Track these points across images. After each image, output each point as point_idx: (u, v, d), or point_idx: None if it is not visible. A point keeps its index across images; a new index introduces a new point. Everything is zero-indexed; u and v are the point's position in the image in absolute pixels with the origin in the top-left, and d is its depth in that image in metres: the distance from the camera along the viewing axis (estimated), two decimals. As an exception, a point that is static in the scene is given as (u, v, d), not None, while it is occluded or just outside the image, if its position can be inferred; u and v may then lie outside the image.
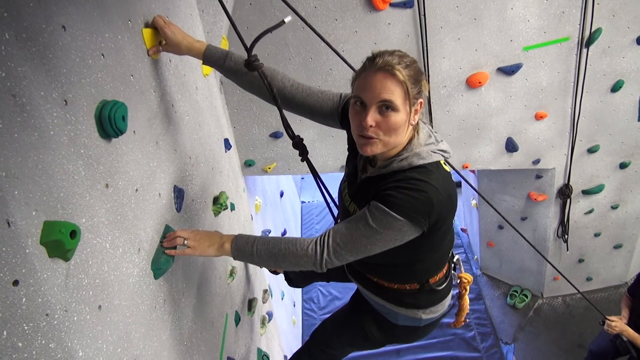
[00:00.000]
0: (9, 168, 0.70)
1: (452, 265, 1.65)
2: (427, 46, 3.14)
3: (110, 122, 0.99)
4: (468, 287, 1.68)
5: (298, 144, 1.53)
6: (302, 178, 8.00)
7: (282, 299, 4.25)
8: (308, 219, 7.13)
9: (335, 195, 1.69)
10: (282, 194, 5.73)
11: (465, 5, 3.05)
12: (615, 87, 3.54)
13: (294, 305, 5.13)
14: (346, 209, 1.48)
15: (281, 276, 2.65)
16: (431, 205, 1.19)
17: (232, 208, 2.22)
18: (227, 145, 2.32)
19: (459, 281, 1.68)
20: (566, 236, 4.48)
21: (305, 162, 1.59)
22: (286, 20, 1.22)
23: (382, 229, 1.21)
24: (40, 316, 0.75)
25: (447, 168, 1.32)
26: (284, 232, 5.23)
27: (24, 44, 0.77)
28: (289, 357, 2.12)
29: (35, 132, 0.78)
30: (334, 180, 1.78)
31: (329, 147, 3.56)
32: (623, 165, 4.08)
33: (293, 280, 2.46)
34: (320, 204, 7.00)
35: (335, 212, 1.78)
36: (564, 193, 4.19)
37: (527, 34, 3.21)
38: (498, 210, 2.52)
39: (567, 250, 4.59)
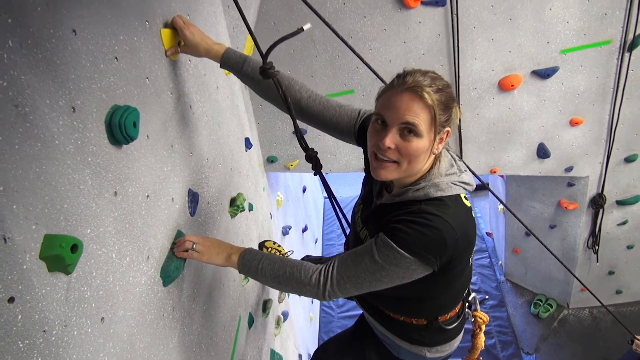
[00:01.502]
0: (7, 182, 0.68)
1: (467, 303, 1.54)
2: (458, 46, 3.02)
3: (120, 128, 0.96)
4: (483, 327, 1.57)
5: (311, 157, 1.45)
6: (326, 174, 7.94)
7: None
8: (330, 215, 7.09)
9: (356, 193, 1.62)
10: (304, 190, 5.70)
11: (500, 5, 2.92)
12: (659, 95, 3.35)
13: (312, 302, 5.11)
14: (357, 234, 1.41)
15: None
16: (444, 244, 1.10)
17: (250, 208, 2.19)
18: (248, 144, 2.29)
19: (473, 320, 1.57)
20: (597, 247, 4.31)
21: (317, 175, 1.52)
22: (305, 27, 1.15)
23: (388, 265, 1.13)
24: (37, 333, 0.73)
25: (468, 203, 1.22)
26: (305, 228, 5.21)
27: (30, 50, 0.74)
28: (304, 356, 2.09)
29: (38, 142, 0.75)
30: (358, 178, 1.69)
31: (353, 145, 3.49)
32: (662, 177, 3.88)
33: None
34: (343, 200, 6.94)
35: (347, 230, 1.71)
36: (597, 203, 4.01)
37: (565, 36, 3.06)
38: (525, 224, 2.42)
39: (597, 261, 4.41)
